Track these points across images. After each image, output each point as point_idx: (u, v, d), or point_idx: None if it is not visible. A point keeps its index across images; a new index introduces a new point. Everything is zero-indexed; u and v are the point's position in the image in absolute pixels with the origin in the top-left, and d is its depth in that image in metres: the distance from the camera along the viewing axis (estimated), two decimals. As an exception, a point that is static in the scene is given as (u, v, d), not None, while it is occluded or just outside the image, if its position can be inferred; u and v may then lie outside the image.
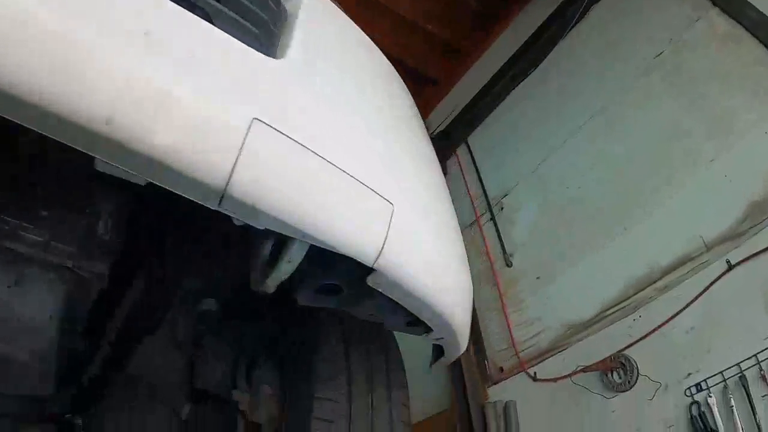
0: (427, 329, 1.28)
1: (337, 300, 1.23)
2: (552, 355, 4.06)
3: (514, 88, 5.33)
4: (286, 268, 1.04)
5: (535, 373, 4.12)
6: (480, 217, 5.19)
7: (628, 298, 3.66)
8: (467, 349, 4.34)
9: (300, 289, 1.18)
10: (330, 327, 1.68)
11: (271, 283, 1.08)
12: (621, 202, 3.93)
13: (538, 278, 4.40)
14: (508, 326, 4.48)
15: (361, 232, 1.02)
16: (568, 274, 4.15)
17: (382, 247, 1.03)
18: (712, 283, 3.16)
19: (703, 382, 3.03)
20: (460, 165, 5.70)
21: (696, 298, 3.22)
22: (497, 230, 4.93)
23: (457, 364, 4.50)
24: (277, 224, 0.91)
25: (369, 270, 1.05)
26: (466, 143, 5.73)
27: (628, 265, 3.73)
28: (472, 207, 5.29)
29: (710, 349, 3.08)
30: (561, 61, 4.94)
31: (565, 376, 3.83)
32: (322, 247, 0.98)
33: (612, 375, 3.56)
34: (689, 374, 3.12)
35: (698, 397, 3.03)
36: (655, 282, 3.53)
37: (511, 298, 4.58)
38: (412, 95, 1.81)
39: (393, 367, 1.74)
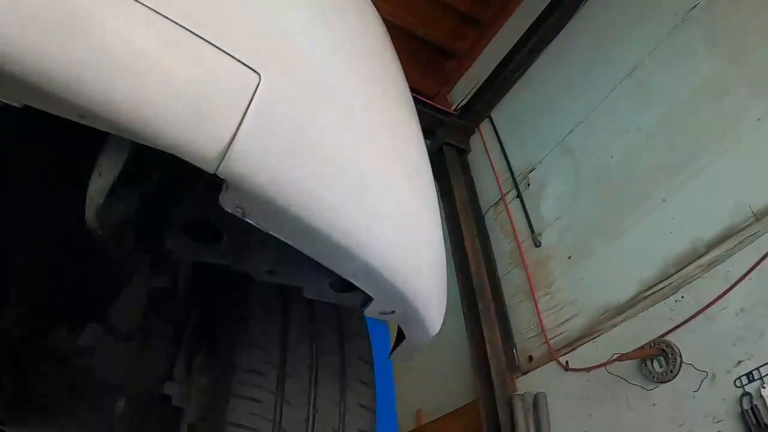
0: (366, 299, 0.94)
1: (219, 249, 0.91)
2: (585, 343, 3.76)
3: (536, 58, 5.08)
4: (99, 186, 0.74)
5: (566, 362, 3.81)
6: (506, 195, 4.91)
7: (669, 276, 3.34)
8: (493, 337, 4.13)
9: (167, 232, 0.88)
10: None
11: (90, 215, 0.79)
12: (658, 170, 3.63)
13: (569, 258, 4.11)
14: (537, 311, 4.18)
15: (197, 117, 0.65)
16: (602, 252, 3.85)
17: (231, 141, 0.66)
18: (763, 258, 2.82)
19: (756, 371, 2.70)
20: (483, 141, 5.47)
21: (746, 275, 2.88)
22: (524, 208, 4.66)
23: (482, 353, 4.24)
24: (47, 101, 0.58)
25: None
26: (490, 118, 5.49)
27: (668, 240, 3.41)
28: (497, 184, 5.04)
29: (764, 332, 2.74)
30: (584, 24, 4.68)
31: (599, 365, 3.50)
32: (140, 143, 0.63)
33: (652, 364, 3.23)
34: (739, 362, 2.80)
35: (750, 387, 2.71)
36: (698, 258, 3.20)
37: (541, 281, 4.28)
38: (432, 70, 1.46)
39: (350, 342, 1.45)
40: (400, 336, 1.12)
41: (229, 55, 0.66)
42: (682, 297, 3.21)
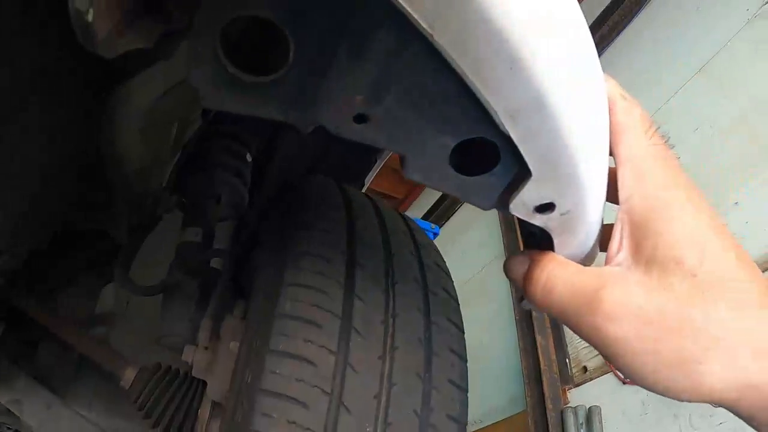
0: (509, 181, 0.59)
1: (287, 65, 0.54)
2: (645, 355, 3.48)
3: (605, 49, 4.84)
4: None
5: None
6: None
7: (740, 285, 3.05)
8: (547, 346, 3.93)
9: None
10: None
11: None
12: (730, 171, 3.38)
13: (629, 266, 3.83)
14: (594, 319, 3.92)
15: None
16: (666, 259, 3.57)
17: None
18: None
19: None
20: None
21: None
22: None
23: (535, 362, 4.05)
24: None
25: None
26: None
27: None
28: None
29: None
30: (649, 22, 4.49)
31: (661, 379, 3.24)
32: None
33: (716, 379, 2.95)
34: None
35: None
36: (774, 265, 2.93)
37: (598, 288, 4.02)
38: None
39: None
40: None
41: None
42: (754, 307, 2.94)
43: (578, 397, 3.84)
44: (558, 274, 0.62)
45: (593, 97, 0.55)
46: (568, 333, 4.12)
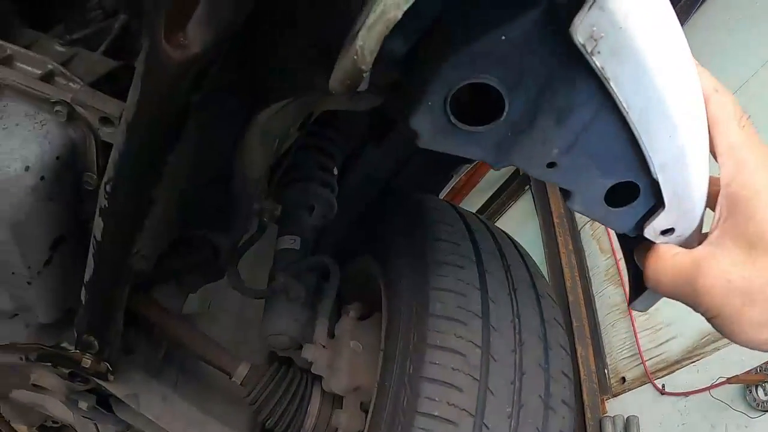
0: (645, 214, 0.80)
1: (492, 131, 0.72)
2: (684, 366, 3.58)
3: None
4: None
5: (663, 385, 3.64)
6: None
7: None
8: (586, 356, 4.00)
9: (415, 106, 0.72)
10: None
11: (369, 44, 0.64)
12: None
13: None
14: (634, 331, 4.02)
15: None
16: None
17: None
18: None
19: None
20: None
21: None
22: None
23: (575, 371, 4.08)
24: None
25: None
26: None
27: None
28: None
29: None
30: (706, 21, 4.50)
31: (700, 390, 3.34)
32: None
33: (756, 390, 3.05)
34: None
35: None
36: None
37: (638, 300, 4.08)
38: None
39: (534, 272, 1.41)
40: (639, 282, 0.91)
41: None
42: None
43: (616, 407, 3.92)
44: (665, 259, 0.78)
45: (706, 146, 0.75)
46: (607, 343, 4.21)
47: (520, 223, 5.68)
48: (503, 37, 0.67)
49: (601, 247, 4.62)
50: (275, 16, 0.98)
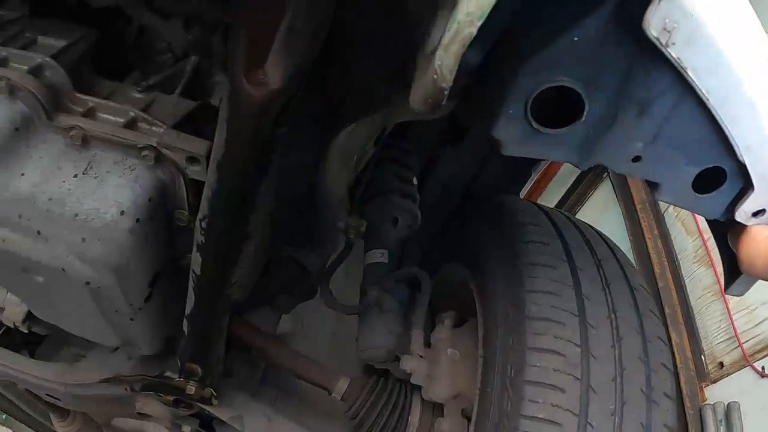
0: (733, 198, 0.81)
1: (573, 132, 0.74)
2: (786, 346, 3.40)
3: None
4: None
5: (763, 367, 3.48)
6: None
7: None
8: (681, 343, 3.86)
9: (497, 113, 0.74)
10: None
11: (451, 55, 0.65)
12: None
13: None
14: (729, 313, 3.86)
15: None
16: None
17: None
18: None
19: None
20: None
21: None
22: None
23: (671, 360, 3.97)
24: None
25: None
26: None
27: None
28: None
29: None
30: None
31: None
32: None
33: None
34: None
35: None
36: None
37: (730, 280, 3.94)
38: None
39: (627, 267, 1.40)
40: (732, 265, 0.92)
41: None
42: None
43: (716, 393, 3.78)
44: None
45: None
46: (702, 328, 4.07)
47: (601, 212, 5.57)
48: (575, 39, 0.69)
49: (687, 228, 4.47)
50: (347, 37, 1.02)
